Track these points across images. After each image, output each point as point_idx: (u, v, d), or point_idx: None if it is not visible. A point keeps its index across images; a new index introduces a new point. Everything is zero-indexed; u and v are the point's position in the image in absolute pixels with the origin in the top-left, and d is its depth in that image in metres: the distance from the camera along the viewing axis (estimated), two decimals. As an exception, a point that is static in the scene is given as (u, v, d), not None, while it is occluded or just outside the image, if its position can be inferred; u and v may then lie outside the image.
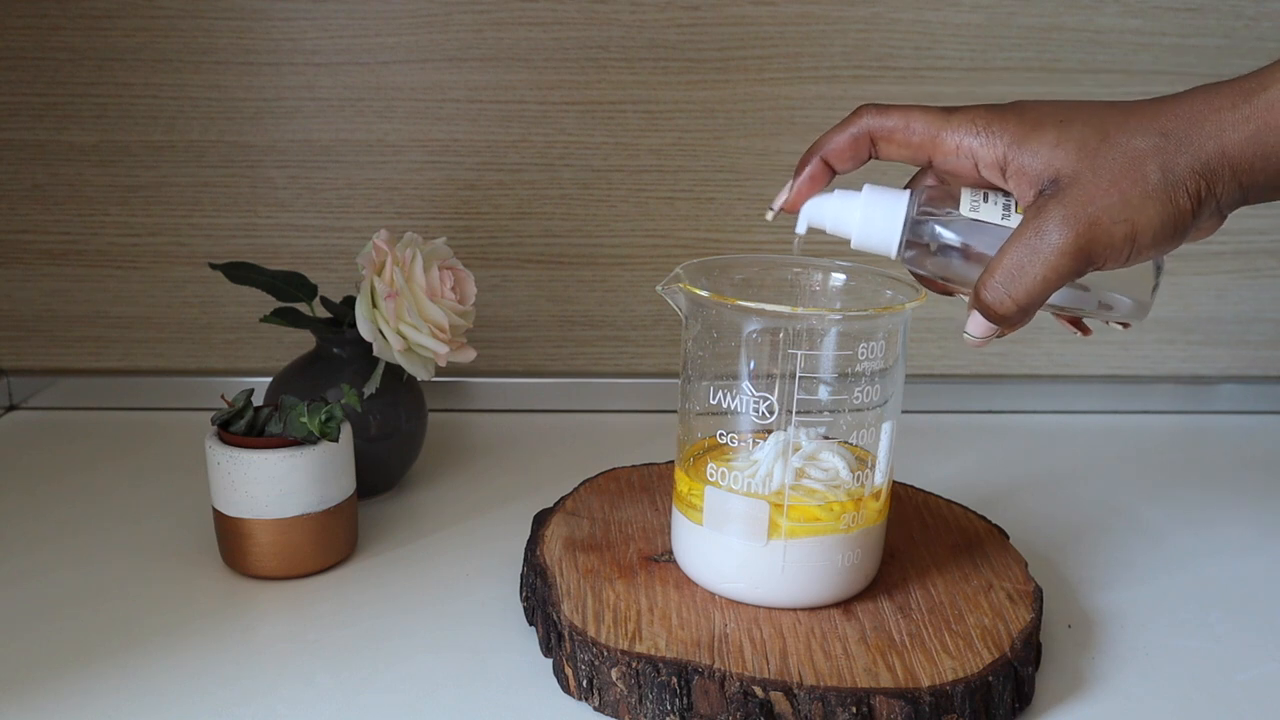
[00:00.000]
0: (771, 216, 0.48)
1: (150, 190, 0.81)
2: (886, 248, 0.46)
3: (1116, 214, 0.41)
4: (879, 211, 0.46)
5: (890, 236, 0.46)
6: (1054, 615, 0.55)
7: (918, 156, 0.45)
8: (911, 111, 0.45)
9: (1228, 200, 0.42)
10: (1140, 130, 0.41)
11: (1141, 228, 0.41)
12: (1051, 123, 0.42)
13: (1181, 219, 0.41)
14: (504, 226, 0.83)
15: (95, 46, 0.78)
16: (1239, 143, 0.41)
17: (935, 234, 0.46)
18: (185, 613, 0.54)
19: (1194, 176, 0.41)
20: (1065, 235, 0.41)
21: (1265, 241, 0.85)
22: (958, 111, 0.44)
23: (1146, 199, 0.41)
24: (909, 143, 0.45)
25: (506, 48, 0.79)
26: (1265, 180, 0.41)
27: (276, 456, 0.55)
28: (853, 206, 0.46)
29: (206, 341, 0.84)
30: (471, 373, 0.85)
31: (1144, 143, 0.41)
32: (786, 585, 0.49)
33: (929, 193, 0.46)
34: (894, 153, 0.46)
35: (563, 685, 0.48)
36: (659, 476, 0.64)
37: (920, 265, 0.47)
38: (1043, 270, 0.42)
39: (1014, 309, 0.43)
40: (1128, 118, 0.42)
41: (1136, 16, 0.79)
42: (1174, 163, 0.41)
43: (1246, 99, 0.41)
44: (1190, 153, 0.41)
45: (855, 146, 0.46)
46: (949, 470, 0.74)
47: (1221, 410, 0.88)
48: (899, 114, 0.45)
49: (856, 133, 0.45)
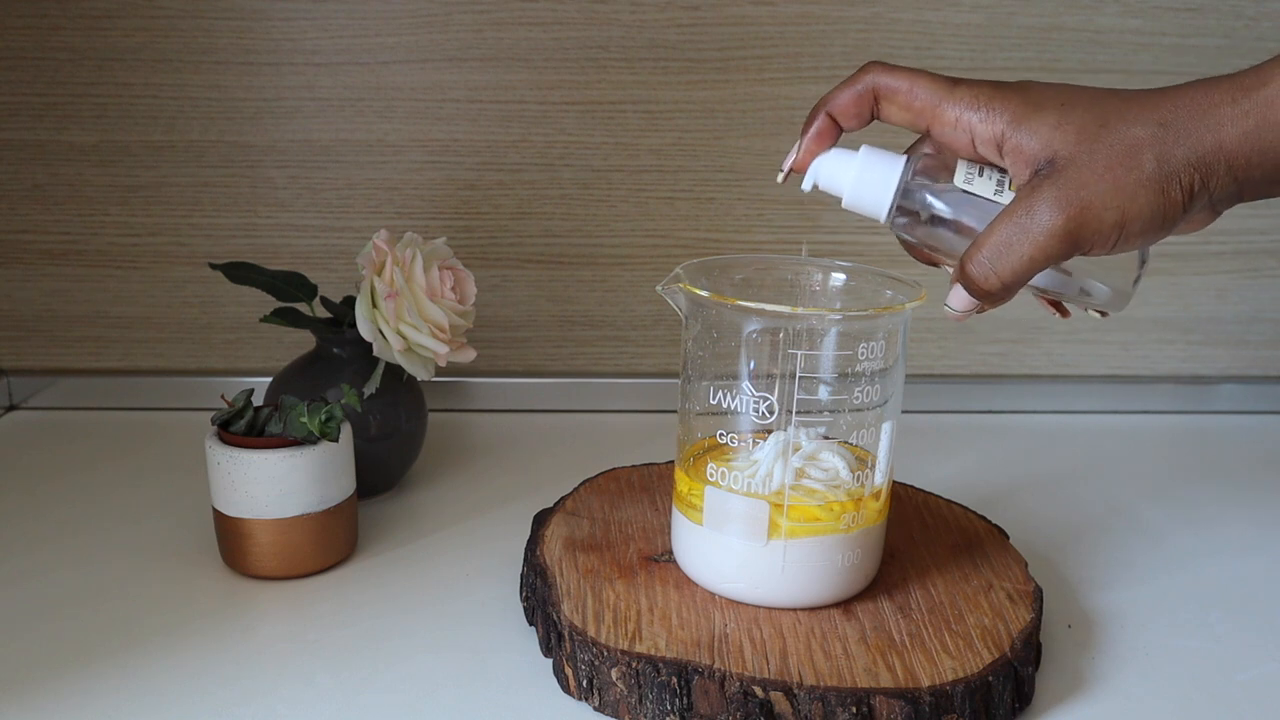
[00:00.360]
0: (782, 178, 0.48)
1: (150, 190, 0.81)
2: (877, 210, 0.46)
3: (1108, 200, 0.41)
4: (873, 173, 0.46)
5: (882, 200, 0.46)
6: (1054, 615, 0.55)
7: (917, 123, 0.45)
8: (918, 76, 0.45)
9: (1221, 195, 0.42)
10: (1140, 119, 0.41)
11: (1131, 216, 0.41)
12: (1053, 105, 0.42)
13: (1171, 210, 0.41)
14: (504, 226, 0.83)
15: (95, 46, 0.78)
16: (1236, 138, 0.41)
17: (927, 202, 0.46)
18: (185, 613, 0.54)
19: (1189, 169, 0.41)
20: (1055, 217, 0.41)
21: (1265, 241, 0.85)
22: (962, 84, 0.44)
23: (1139, 188, 0.41)
24: (910, 106, 0.45)
25: (506, 48, 0.79)
26: (1261, 175, 0.41)
27: (276, 456, 0.55)
28: (848, 165, 0.46)
29: (206, 341, 0.84)
30: (471, 373, 0.85)
31: (1142, 131, 0.41)
32: (786, 585, 0.49)
33: (925, 161, 0.46)
34: (895, 115, 0.45)
35: (563, 685, 0.48)
36: (659, 476, 0.64)
37: (909, 232, 0.47)
38: (1030, 250, 0.42)
39: (998, 285, 0.43)
40: (1128, 106, 0.42)
41: (1136, 16, 0.79)
42: (1170, 154, 0.41)
43: (1245, 94, 0.41)
44: (1187, 145, 0.41)
45: (860, 103, 0.46)
46: (949, 470, 0.74)
47: (1221, 410, 0.88)
48: (905, 75, 0.45)
49: (861, 89, 0.45)
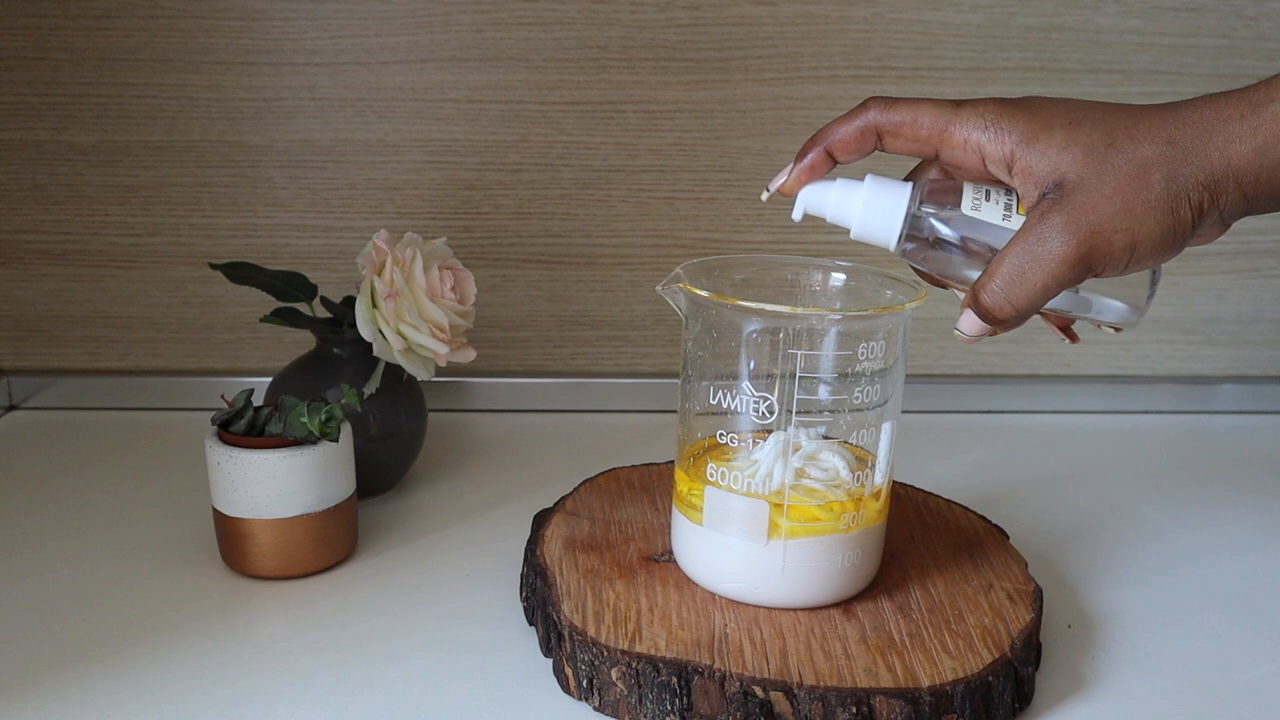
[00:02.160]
0: (766, 198, 0.48)
1: (150, 190, 0.81)
2: (886, 240, 0.46)
3: (1118, 223, 0.41)
4: (880, 204, 0.46)
5: (890, 229, 0.46)
6: (1054, 615, 0.55)
7: (924, 150, 0.45)
8: (919, 105, 0.44)
9: (1231, 211, 0.42)
10: (1148, 137, 0.41)
11: (1141, 237, 0.41)
12: (1060, 123, 0.42)
13: (1181, 229, 0.41)
14: (504, 226, 0.83)
15: (95, 46, 0.78)
16: (1246, 154, 0.40)
17: (935, 230, 0.46)
18: (185, 613, 0.54)
19: (1198, 187, 0.41)
20: (1067, 243, 0.41)
21: (1265, 241, 0.85)
22: (966, 105, 0.44)
23: (1149, 208, 0.41)
24: (916, 137, 0.44)
25: (506, 48, 0.79)
26: (1270, 191, 0.41)
27: (276, 456, 0.55)
28: (855, 197, 0.46)
29: (206, 341, 0.84)
30: (471, 373, 0.85)
31: (1151, 150, 0.41)
32: (786, 585, 0.49)
33: (931, 186, 0.46)
34: (900, 147, 0.45)
35: (563, 685, 0.48)
36: (659, 476, 0.64)
37: (918, 259, 0.47)
38: (1043, 278, 0.42)
39: (1012, 314, 0.43)
40: (1137, 123, 0.42)
41: (1136, 16, 0.79)
42: (1179, 172, 0.41)
43: (1255, 110, 0.40)
44: (1196, 163, 0.41)
45: (860, 140, 0.45)
46: (949, 470, 0.74)
47: (1221, 410, 0.88)
48: (907, 108, 0.44)
49: (863, 126, 0.45)
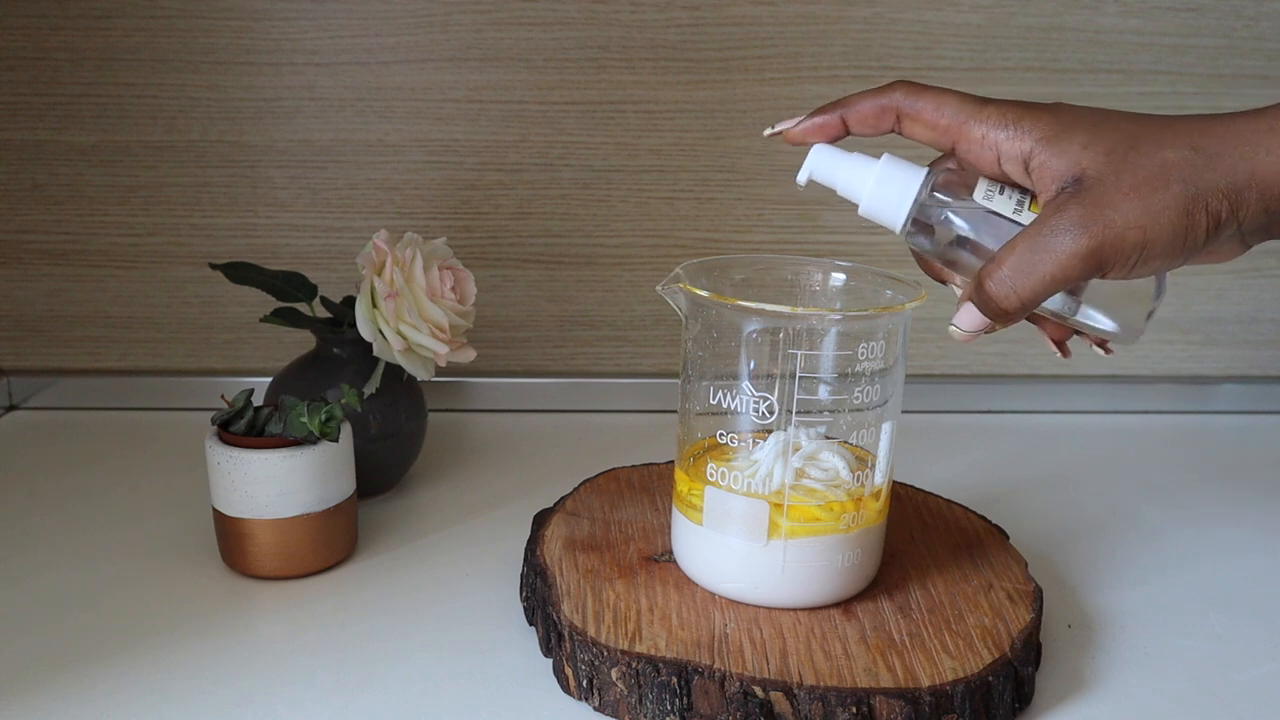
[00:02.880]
0: (768, 133, 0.48)
1: (150, 190, 0.81)
2: (893, 220, 0.46)
3: (1132, 220, 0.40)
4: (893, 183, 0.45)
5: (899, 210, 0.46)
6: (1054, 615, 0.55)
7: (941, 141, 0.45)
8: (945, 95, 0.44)
9: (1251, 225, 0.41)
10: (1172, 143, 0.41)
11: (1153, 236, 0.40)
12: (1084, 126, 0.42)
13: (1194, 234, 0.41)
14: (504, 226, 0.83)
15: (95, 46, 0.78)
16: (1271, 167, 0.40)
17: (944, 216, 0.45)
18: (185, 612, 0.54)
19: (1218, 195, 0.40)
20: (1080, 237, 0.41)
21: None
22: (991, 103, 0.44)
23: (1164, 208, 0.40)
24: (935, 125, 0.44)
25: (506, 48, 0.79)
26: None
27: (276, 456, 0.55)
28: (868, 173, 0.46)
29: (206, 341, 0.84)
30: (471, 373, 0.85)
31: (1174, 155, 0.41)
32: (786, 585, 0.49)
33: (945, 175, 0.46)
34: (918, 133, 0.45)
35: (563, 685, 0.48)
36: (659, 476, 0.64)
37: (922, 245, 0.47)
38: (1051, 269, 0.41)
39: (1016, 304, 0.42)
40: (1163, 130, 0.41)
41: (1136, 16, 0.79)
42: (1200, 177, 0.40)
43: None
44: (1219, 171, 0.40)
45: (879, 116, 0.45)
46: (949, 470, 0.74)
47: (1221, 410, 0.88)
48: (932, 96, 0.44)
49: (885, 103, 0.45)
